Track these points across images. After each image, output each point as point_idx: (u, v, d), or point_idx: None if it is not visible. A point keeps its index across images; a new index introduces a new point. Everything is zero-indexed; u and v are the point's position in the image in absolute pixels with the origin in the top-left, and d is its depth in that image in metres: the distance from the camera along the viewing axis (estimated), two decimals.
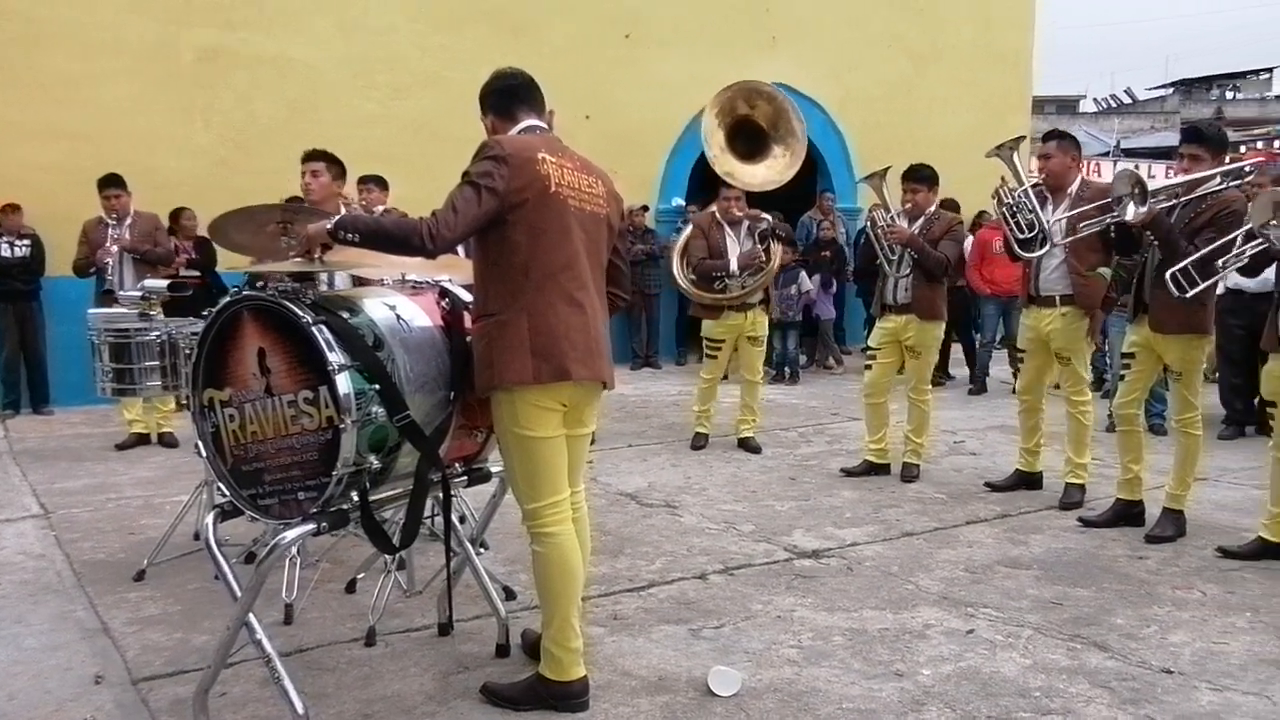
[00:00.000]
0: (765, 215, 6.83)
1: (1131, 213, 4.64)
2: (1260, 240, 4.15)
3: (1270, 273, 4.57)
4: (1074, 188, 5.46)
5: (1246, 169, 5.32)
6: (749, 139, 6.56)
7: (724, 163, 6.53)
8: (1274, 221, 4.03)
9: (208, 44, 9.73)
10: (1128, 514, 5.19)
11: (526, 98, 3.24)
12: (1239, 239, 4.37)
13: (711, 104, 6.51)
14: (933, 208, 6.17)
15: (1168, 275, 4.58)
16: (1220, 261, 4.44)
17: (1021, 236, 5.52)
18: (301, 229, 3.14)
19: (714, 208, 7.02)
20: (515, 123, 3.19)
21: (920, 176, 6.18)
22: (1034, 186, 5.55)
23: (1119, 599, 4.19)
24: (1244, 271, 4.45)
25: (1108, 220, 4.95)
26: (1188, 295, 4.54)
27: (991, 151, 5.79)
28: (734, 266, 6.77)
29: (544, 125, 3.22)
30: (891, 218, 6.17)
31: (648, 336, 11.82)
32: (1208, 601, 4.17)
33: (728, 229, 6.86)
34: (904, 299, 6.12)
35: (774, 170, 6.55)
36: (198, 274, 7.61)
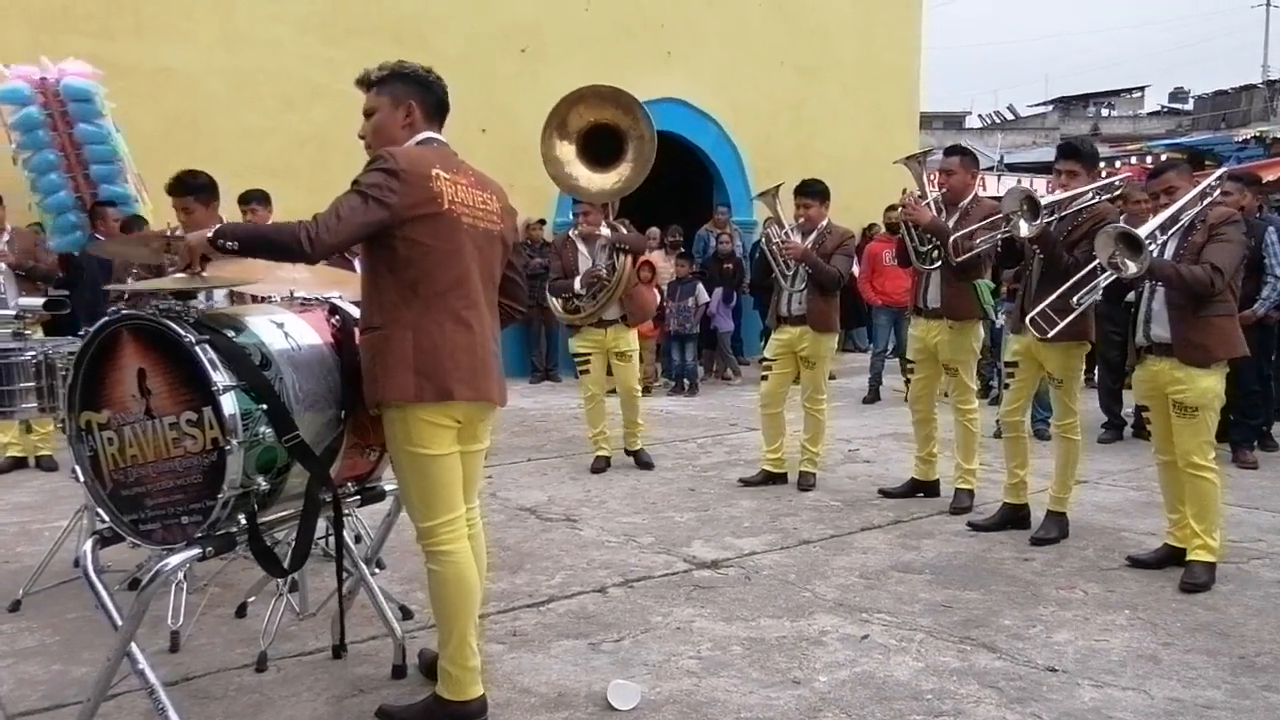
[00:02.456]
0: (604, 231, 6.63)
1: (1025, 229, 4.80)
2: (1109, 272, 4.36)
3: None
4: (965, 202, 5.63)
5: (1116, 184, 5.59)
6: (605, 145, 6.34)
7: (568, 177, 6.34)
8: (1117, 253, 4.25)
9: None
10: (1014, 517, 5.35)
11: (444, 112, 3.19)
12: (1097, 270, 4.60)
13: (551, 118, 6.32)
14: (825, 222, 6.27)
15: (1027, 320, 4.85)
16: (1075, 299, 4.63)
17: (922, 249, 5.67)
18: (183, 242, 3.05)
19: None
20: (429, 126, 3.13)
21: (812, 191, 6.28)
22: (934, 199, 5.70)
23: (1006, 600, 4.31)
24: (1108, 297, 4.69)
25: (998, 236, 5.11)
26: (1049, 336, 4.80)
27: (901, 160, 5.93)
28: (578, 286, 6.67)
29: (442, 139, 3.17)
30: (786, 234, 6.25)
31: (547, 350, 11.79)
32: (1089, 601, 4.32)
33: (581, 246, 6.76)
34: (798, 311, 6.22)
35: (623, 179, 6.31)
36: (65, 293, 7.36)
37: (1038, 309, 4.81)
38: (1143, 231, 4.26)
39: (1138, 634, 3.94)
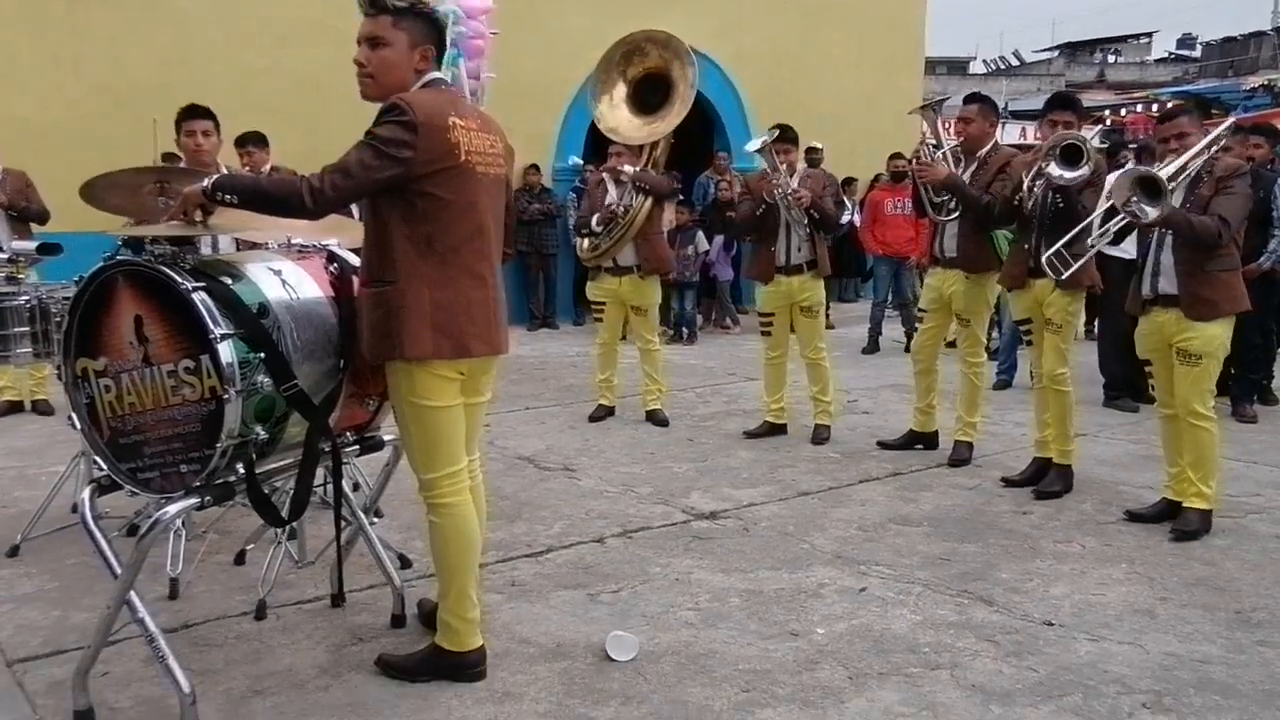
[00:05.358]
0: (626, 169, 6.54)
1: (1069, 175, 4.74)
2: (1123, 216, 4.32)
3: (1130, 241, 4.76)
4: (984, 151, 5.51)
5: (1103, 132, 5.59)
6: (651, 92, 6.40)
7: (611, 118, 6.40)
8: (1134, 198, 4.21)
9: None
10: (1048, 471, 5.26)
11: (445, 50, 3.08)
12: (1099, 218, 4.57)
13: (611, 53, 6.39)
14: (802, 165, 6.24)
15: (1044, 260, 4.80)
16: (1089, 240, 4.60)
17: (936, 200, 5.60)
18: (180, 189, 3.00)
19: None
20: (436, 68, 3.02)
21: (790, 138, 6.20)
22: (951, 148, 5.62)
23: (1004, 554, 4.32)
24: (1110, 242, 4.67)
25: (1047, 180, 4.99)
26: (1064, 277, 4.79)
27: (915, 110, 5.84)
28: (594, 223, 6.61)
29: (446, 79, 3.08)
30: (794, 184, 6.15)
31: (545, 297, 11.75)
32: (1086, 554, 4.33)
33: (611, 187, 6.69)
34: (798, 260, 6.15)
35: (665, 122, 6.38)
36: None
37: (1053, 250, 4.75)
38: (1164, 174, 4.22)
39: (1135, 588, 3.95)
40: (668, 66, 6.32)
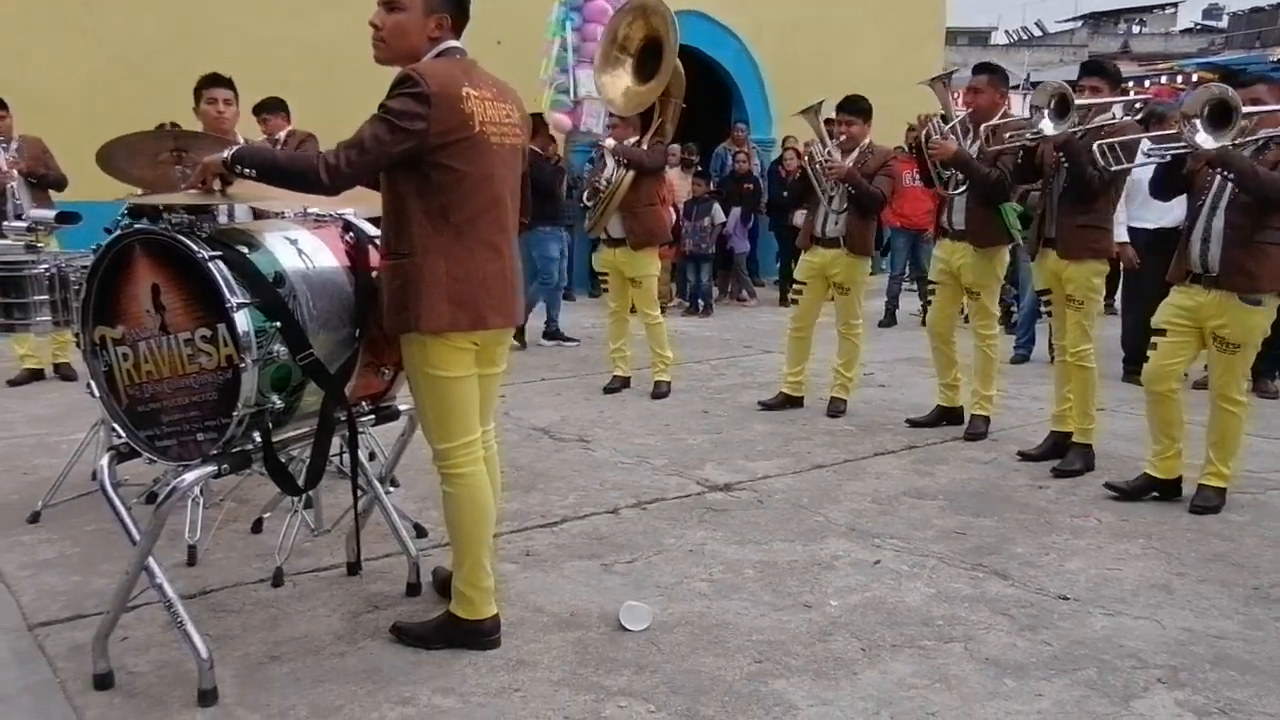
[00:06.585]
0: (608, 143, 6.60)
1: (1051, 129, 4.69)
2: (1181, 140, 4.19)
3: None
4: (992, 122, 5.43)
5: (1138, 104, 5.48)
6: (651, 58, 6.33)
7: (611, 89, 6.37)
8: (1196, 118, 4.04)
9: None
10: (1065, 446, 5.23)
11: (465, 23, 3.03)
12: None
13: (605, 36, 6.40)
14: (867, 140, 6.09)
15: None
16: (1144, 150, 4.54)
17: (944, 174, 5.55)
18: (198, 159, 3.00)
19: None
20: (454, 36, 2.98)
21: (856, 109, 6.09)
22: (961, 120, 5.56)
23: (1019, 528, 4.31)
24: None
25: (1026, 135, 4.98)
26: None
27: (925, 81, 5.79)
28: (585, 198, 6.69)
29: (462, 47, 3.06)
30: (828, 153, 6.10)
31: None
32: (1103, 529, 4.31)
33: (609, 160, 6.67)
34: (833, 233, 6.07)
35: (649, 89, 6.30)
36: None
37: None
38: (1246, 109, 4.02)
39: (1151, 563, 3.94)
40: (657, 30, 6.24)
